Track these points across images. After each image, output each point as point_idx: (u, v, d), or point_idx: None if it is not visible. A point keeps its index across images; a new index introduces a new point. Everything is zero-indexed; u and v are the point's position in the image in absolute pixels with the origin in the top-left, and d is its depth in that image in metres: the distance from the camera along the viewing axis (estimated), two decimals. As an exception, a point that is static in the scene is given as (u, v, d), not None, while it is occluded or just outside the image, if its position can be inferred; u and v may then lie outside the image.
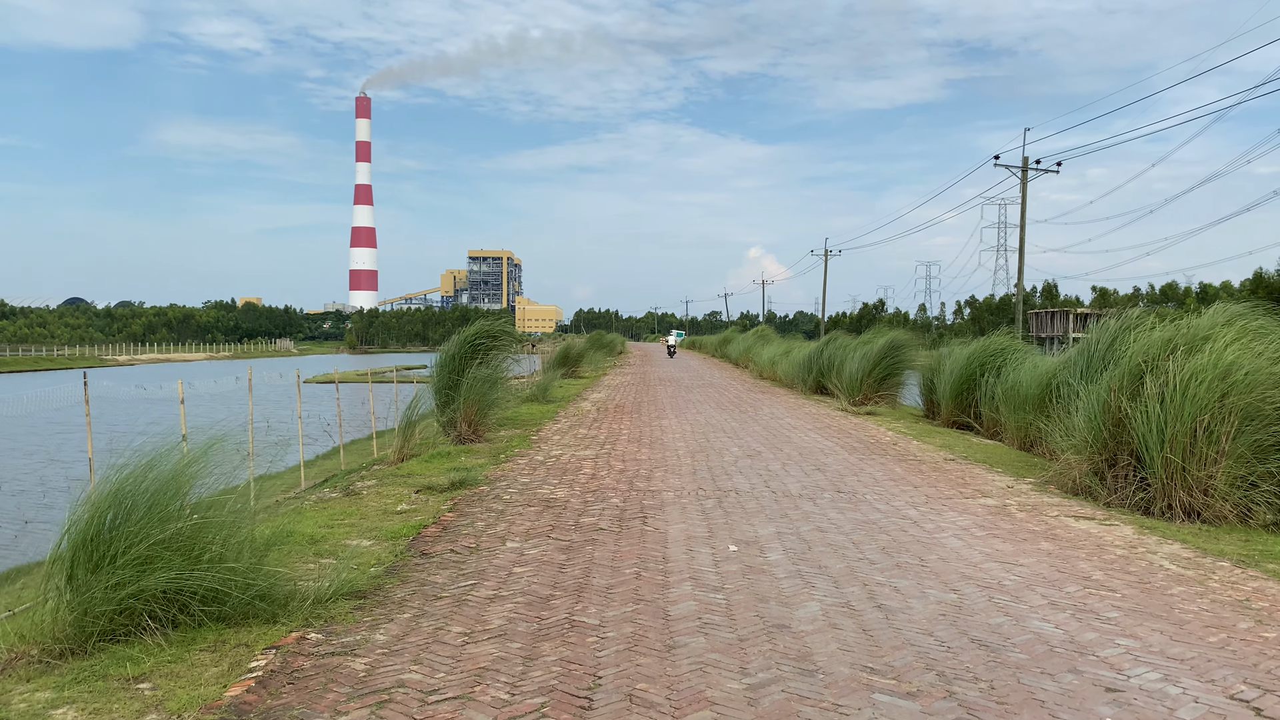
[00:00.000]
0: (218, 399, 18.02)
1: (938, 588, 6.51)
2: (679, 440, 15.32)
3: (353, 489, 11.76)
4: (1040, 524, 8.93)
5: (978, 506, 9.81)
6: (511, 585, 6.58)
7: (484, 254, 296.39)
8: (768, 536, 8.06)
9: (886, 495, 10.28)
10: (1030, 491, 10.93)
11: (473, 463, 13.29)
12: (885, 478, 11.55)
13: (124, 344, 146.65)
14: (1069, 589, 6.55)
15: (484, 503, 9.86)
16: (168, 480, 6.21)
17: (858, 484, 10.99)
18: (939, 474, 12.04)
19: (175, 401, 12.65)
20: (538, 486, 10.80)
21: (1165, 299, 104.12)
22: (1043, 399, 16.59)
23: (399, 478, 12.34)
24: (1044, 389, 16.60)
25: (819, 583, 6.59)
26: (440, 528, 8.61)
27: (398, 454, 15.03)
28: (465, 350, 17.24)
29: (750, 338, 50.93)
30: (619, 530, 8.33)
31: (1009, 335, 21.72)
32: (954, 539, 8.12)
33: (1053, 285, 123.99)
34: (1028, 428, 16.85)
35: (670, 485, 10.81)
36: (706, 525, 8.52)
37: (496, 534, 8.25)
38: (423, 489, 11.06)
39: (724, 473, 11.75)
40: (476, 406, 16.08)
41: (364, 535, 8.66)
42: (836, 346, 29.04)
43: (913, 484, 11.15)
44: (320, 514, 9.87)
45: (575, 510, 9.31)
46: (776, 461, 12.77)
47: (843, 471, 11.95)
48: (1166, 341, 10.98)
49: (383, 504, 10.32)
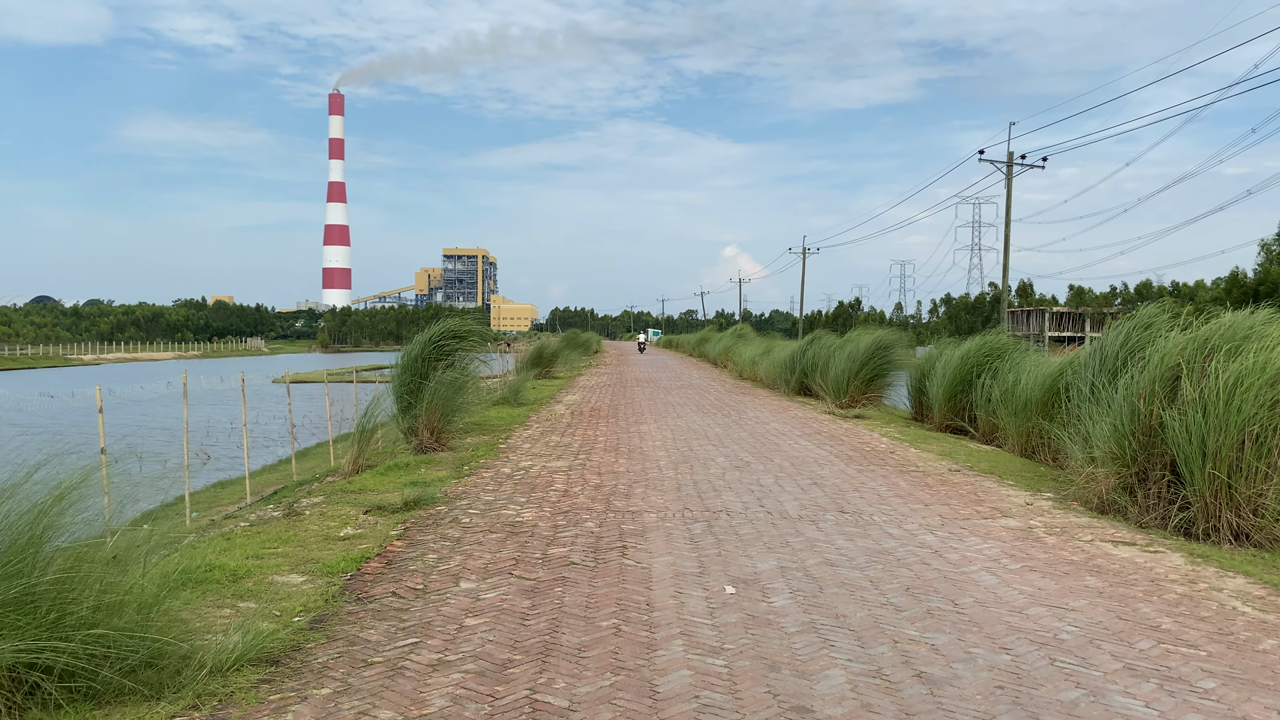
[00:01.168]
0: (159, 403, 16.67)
1: (984, 645, 5.33)
2: (660, 449, 14.10)
3: (295, 508, 10.47)
4: (1077, 552, 7.79)
5: (1000, 529, 8.66)
6: (461, 645, 5.34)
7: (459, 252, 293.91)
8: (769, 573, 6.85)
9: (896, 516, 9.11)
10: (1053, 510, 9.80)
11: (433, 476, 12.03)
12: (890, 493, 10.39)
13: (91, 343, 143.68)
14: (1141, 645, 5.39)
15: (439, 527, 8.60)
16: (25, 520, 4.93)
17: (861, 502, 9.81)
18: (948, 488, 10.90)
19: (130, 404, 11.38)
20: (502, 506, 9.54)
21: (1141, 298, 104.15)
22: (1047, 403, 15.57)
23: (349, 494, 11.06)
24: (1048, 392, 15.58)
25: (839, 640, 5.39)
26: (384, 561, 7.35)
27: (352, 465, 13.74)
28: (428, 351, 15.95)
29: (729, 337, 49.82)
30: (594, 564, 7.11)
31: (1009, 335, 20.73)
32: (985, 574, 6.95)
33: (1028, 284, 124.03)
34: (1029, 433, 15.82)
35: (652, 504, 9.59)
36: (697, 557, 7.31)
37: (449, 570, 7.00)
38: (372, 509, 9.79)
39: (711, 488, 10.55)
40: (440, 412, 14.80)
41: (297, 569, 7.40)
42: (820, 346, 27.94)
43: (922, 501, 9.99)
44: (252, 541, 8.59)
45: (544, 537, 8.07)
46: (768, 474, 11.58)
47: (842, 486, 10.78)
48: (1203, 342, 9.88)
49: (325, 527, 9.05)
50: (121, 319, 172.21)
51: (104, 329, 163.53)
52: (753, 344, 41.72)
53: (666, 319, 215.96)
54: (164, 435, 32.65)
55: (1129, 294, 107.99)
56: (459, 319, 16.85)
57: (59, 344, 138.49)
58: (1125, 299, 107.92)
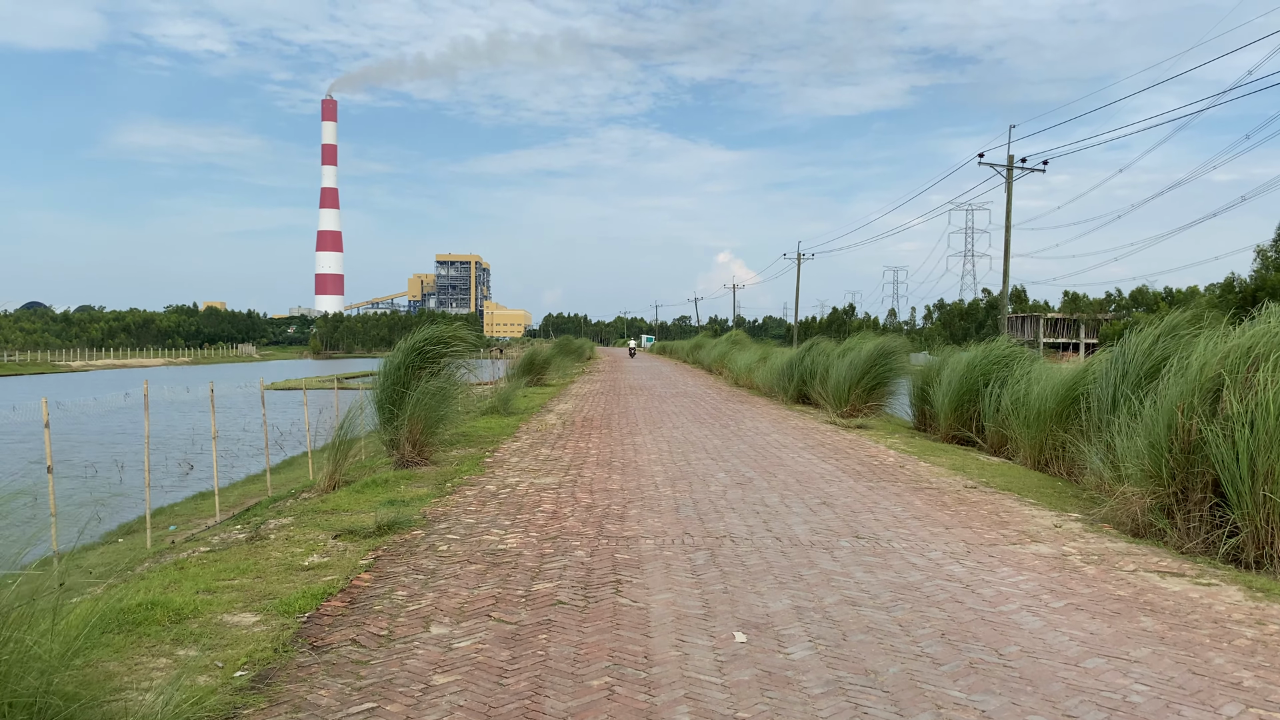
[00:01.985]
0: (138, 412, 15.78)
1: (1044, 711, 4.52)
2: (655, 463, 13.28)
3: (262, 530, 9.63)
4: (1122, 584, 6.99)
5: (1032, 557, 7.86)
6: (426, 712, 4.51)
7: (452, 258, 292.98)
8: (784, 614, 6.03)
9: (917, 542, 8.29)
10: (1084, 533, 9.00)
11: (412, 494, 11.19)
12: (907, 514, 9.58)
13: (81, 349, 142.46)
14: (1227, 710, 4.59)
15: (414, 556, 7.77)
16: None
17: (877, 525, 9.00)
18: (967, 509, 10.09)
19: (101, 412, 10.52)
20: (484, 531, 8.71)
21: (1135, 304, 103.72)
22: (1062, 414, 14.81)
23: (320, 514, 10.21)
24: (1062, 402, 14.81)
25: (873, 706, 4.57)
26: (348, 599, 6.52)
27: (328, 480, 12.88)
28: (411, 359, 15.11)
29: (724, 343, 49.00)
30: (584, 604, 6.28)
31: (1017, 343, 19.99)
32: (1027, 614, 6.14)
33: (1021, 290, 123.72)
34: (1042, 445, 15.06)
35: (649, 528, 8.76)
36: (700, 595, 6.48)
37: (419, 611, 6.17)
38: (343, 533, 8.95)
39: (712, 509, 9.72)
40: (422, 424, 13.96)
41: (252, 605, 6.57)
42: (819, 353, 27.17)
43: (941, 523, 9.19)
44: (207, 570, 7.75)
45: (528, 569, 7.24)
46: (773, 492, 10.76)
47: (854, 506, 9.96)
48: (1247, 350, 9.09)
49: (290, 554, 8.21)
50: (112, 325, 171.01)
51: (94, 335, 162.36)
52: (748, 350, 40.93)
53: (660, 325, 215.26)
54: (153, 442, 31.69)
55: (1123, 300, 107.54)
56: (443, 324, 16.02)
57: (48, 350, 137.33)
58: (1120, 305, 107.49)
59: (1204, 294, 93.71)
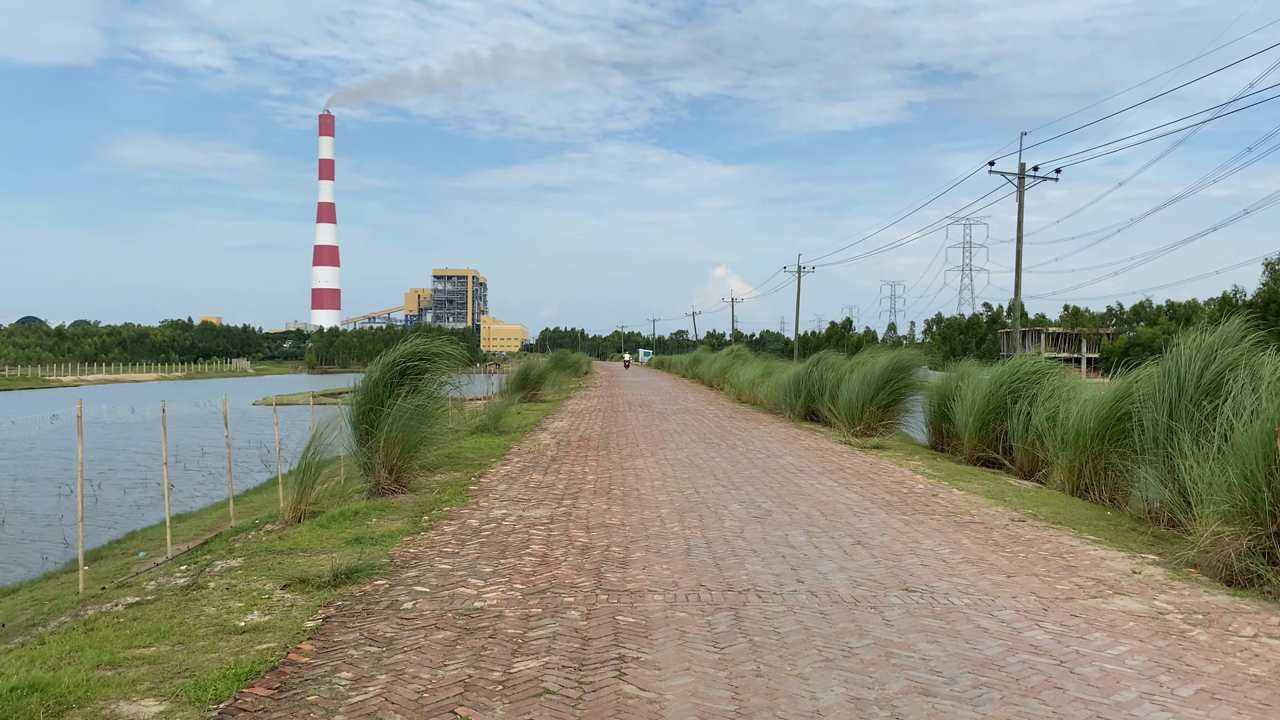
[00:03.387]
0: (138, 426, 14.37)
1: None
2: (660, 491, 11.87)
3: (202, 578, 8.22)
4: (1251, 658, 5.58)
5: (1123, 616, 6.46)
6: None
7: (448, 272, 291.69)
8: (839, 711, 4.62)
9: (980, 596, 6.89)
10: (1172, 582, 7.59)
11: (383, 529, 9.78)
12: (957, 557, 8.18)
13: (74, 364, 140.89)
14: None
15: (370, 618, 6.35)
16: None
17: (927, 573, 7.59)
18: (1023, 549, 8.69)
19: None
20: (460, 582, 7.29)
21: (1138, 318, 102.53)
22: (1104, 434, 13.48)
23: (275, 555, 8.80)
24: (1104, 422, 13.47)
25: None
26: (277, 683, 5.10)
27: (292, 512, 11.48)
28: (390, 375, 13.72)
29: (725, 357, 47.60)
30: (578, 695, 4.86)
31: (1044, 357, 18.66)
32: (1154, 708, 4.73)
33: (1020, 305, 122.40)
34: (1081, 469, 13.69)
35: (657, 577, 7.34)
36: (727, 680, 5.06)
37: (363, 707, 4.75)
38: (294, 582, 7.54)
39: (730, 551, 8.31)
40: (400, 448, 12.54)
41: (159, 688, 5.17)
42: (827, 367, 25.79)
43: (1000, 569, 7.78)
44: (120, 633, 6.35)
45: (509, 638, 5.82)
46: (796, 528, 9.35)
47: (894, 547, 8.56)
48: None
49: (226, 611, 6.81)
50: (106, 339, 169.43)
51: (87, 349, 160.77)
52: (750, 365, 39.54)
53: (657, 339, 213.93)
54: (143, 458, 30.32)
55: (1125, 314, 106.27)
56: (427, 338, 14.61)
57: (41, 365, 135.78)
58: (1121, 319, 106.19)
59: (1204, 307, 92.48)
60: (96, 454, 28.92)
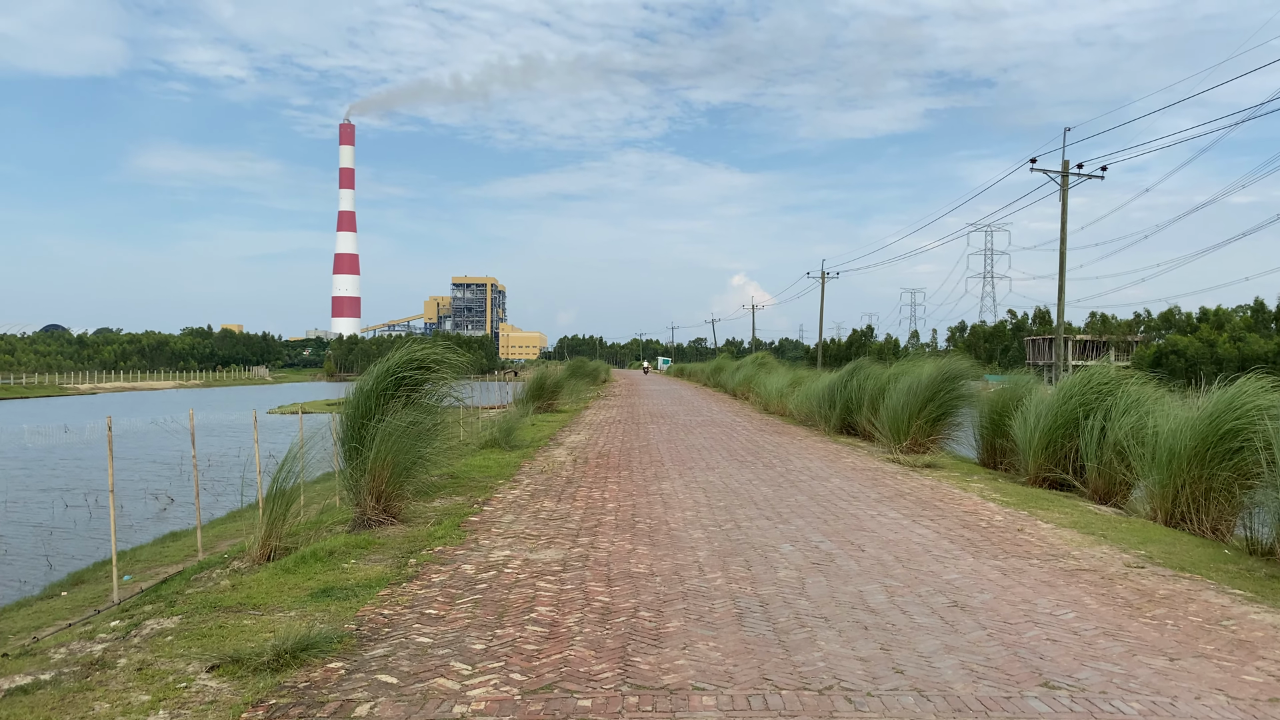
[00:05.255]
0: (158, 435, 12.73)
1: None
2: (694, 525, 10.03)
3: (118, 648, 6.46)
4: None
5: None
6: None
7: (467, 280, 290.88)
8: None
9: (1152, 698, 5.00)
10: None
11: (359, 576, 8.00)
12: (1090, 628, 6.28)
13: (93, 372, 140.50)
14: None
15: (307, 731, 4.55)
16: None
17: (1060, 653, 5.70)
18: (1165, 611, 6.79)
19: None
20: (439, 668, 5.46)
21: (1167, 325, 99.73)
22: (1204, 455, 11.60)
23: (219, 613, 7.04)
24: (1205, 440, 11.58)
25: None
26: None
27: (260, 548, 9.71)
28: (384, 386, 11.97)
29: (750, 365, 45.66)
30: None
31: (1123, 368, 16.74)
32: None
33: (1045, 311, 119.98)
34: (1177, 494, 11.81)
35: (703, 664, 5.49)
36: None
37: None
38: (226, 662, 5.74)
39: (794, 617, 6.44)
40: (390, 471, 10.76)
41: None
42: (865, 376, 23.85)
43: (1157, 650, 5.89)
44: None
45: (496, 776, 4.00)
46: (871, 581, 7.48)
47: (1004, 611, 6.67)
48: None
49: (122, 710, 5.03)
50: (126, 347, 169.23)
51: (107, 357, 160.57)
52: (776, 373, 37.60)
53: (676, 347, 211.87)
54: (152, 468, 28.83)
55: (1153, 321, 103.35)
56: (426, 345, 12.84)
57: (60, 373, 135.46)
58: (1150, 326, 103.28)
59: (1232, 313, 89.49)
60: (98, 464, 27.43)
